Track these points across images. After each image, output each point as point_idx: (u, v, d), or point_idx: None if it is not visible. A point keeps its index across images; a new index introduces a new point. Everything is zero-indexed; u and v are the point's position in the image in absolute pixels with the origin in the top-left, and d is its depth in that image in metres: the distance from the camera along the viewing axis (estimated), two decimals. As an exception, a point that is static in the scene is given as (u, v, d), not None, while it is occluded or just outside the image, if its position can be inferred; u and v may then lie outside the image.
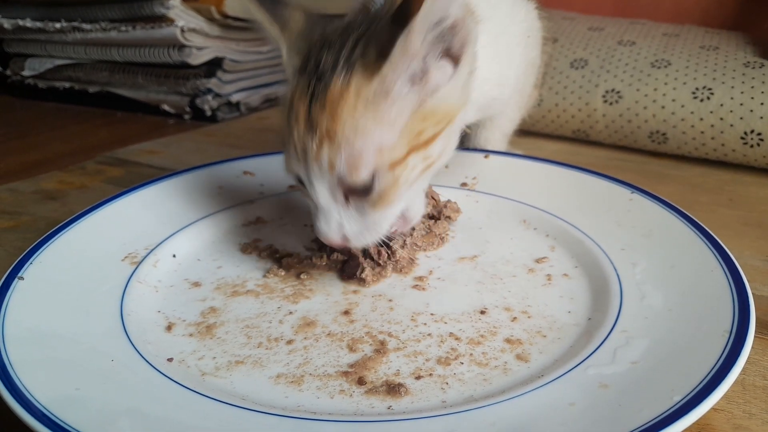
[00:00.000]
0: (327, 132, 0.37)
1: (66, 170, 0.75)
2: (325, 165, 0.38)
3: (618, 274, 0.44)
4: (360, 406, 0.34)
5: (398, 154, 0.38)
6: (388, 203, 0.40)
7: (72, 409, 0.31)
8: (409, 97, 0.38)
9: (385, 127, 0.37)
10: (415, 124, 0.38)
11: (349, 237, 0.41)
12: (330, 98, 0.37)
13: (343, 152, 0.37)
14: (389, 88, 0.37)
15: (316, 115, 0.37)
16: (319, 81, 0.38)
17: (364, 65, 0.37)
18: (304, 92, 0.38)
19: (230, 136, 0.91)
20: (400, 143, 0.38)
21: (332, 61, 0.38)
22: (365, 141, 0.37)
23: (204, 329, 0.41)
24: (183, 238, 0.52)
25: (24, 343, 0.36)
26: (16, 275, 0.42)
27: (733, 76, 0.74)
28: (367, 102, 0.37)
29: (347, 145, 0.37)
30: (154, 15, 0.94)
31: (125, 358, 0.36)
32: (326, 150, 0.37)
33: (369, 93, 0.37)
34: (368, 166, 0.38)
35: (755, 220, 0.60)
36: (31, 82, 1.14)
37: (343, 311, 0.43)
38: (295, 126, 0.39)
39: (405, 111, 0.38)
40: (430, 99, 0.39)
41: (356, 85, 0.37)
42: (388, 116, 0.37)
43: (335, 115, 0.37)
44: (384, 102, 0.37)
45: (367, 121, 0.37)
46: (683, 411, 0.29)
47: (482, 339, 0.40)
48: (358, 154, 0.37)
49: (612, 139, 0.81)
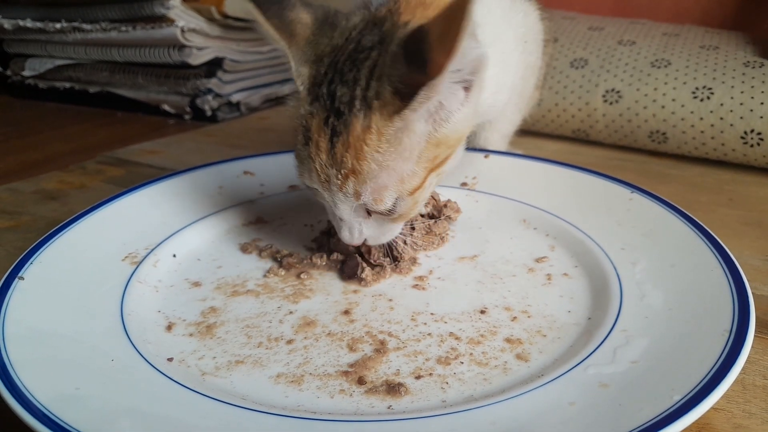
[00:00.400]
0: (352, 169, 0.39)
1: (66, 170, 0.75)
2: (350, 194, 0.40)
3: (618, 274, 0.44)
4: (360, 405, 0.34)
5: (417, 181, 0.40)
6: (407, 218, 0.44)
7: (72, 408, 0.31)
8: (426, 129, 0.40)
9: (405, 160, 0.39)
10: (431, 151, 0.40)
11: (369, 240, 0.45)
12: (353, 138, 0.38)
13: (368, 186, 0.39)
14: (409, 126, 0.38)
15: (340, 152, 0.39)
16: (338, 117, 0.39)
17: (382, 105, 0.38)
18: (322, 124, 0.39)
19: (230, 136, 0.91)
20: (418, 170, 0.40)
21: (349, 98, 0.39)
22: (389, 174, 0.39)
23: (204, 329, 0.41)
24: (183, 237, 0.52)
25: (24, 342, 0.36)
26: (16, 275, 0.42)
27: (733, 75, 0.74)
28: (388, 140, 0.38)
29: (372, 179, 0.39)
30: (155, 15, 0.94)
31: (125, 357, 0.37)
32: (351, 183, 0.39)
33: (390, 132, 0.38)
34: (391, 196, 0.40)
35: (755, 219, 0.60)
36: (31, 82, 1.14)
37: (343, 311, 0.43)
38: (317, 157, 0.40)
39: (422, 141, 0.40)
40: (444, 126, 0.40)
41: (377, 125, 0.38)
42: (408, 150, 0.39)
43: (360, 154, 0.38)
44: (404, 138, 0.39)
45: (390, 157, 0.39)
46: (683, 410, 0.29)
47: (482, 338, 0.40)
48: (382, 186, 0.40)
49: (612, 138, 0.81)
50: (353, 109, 0.38)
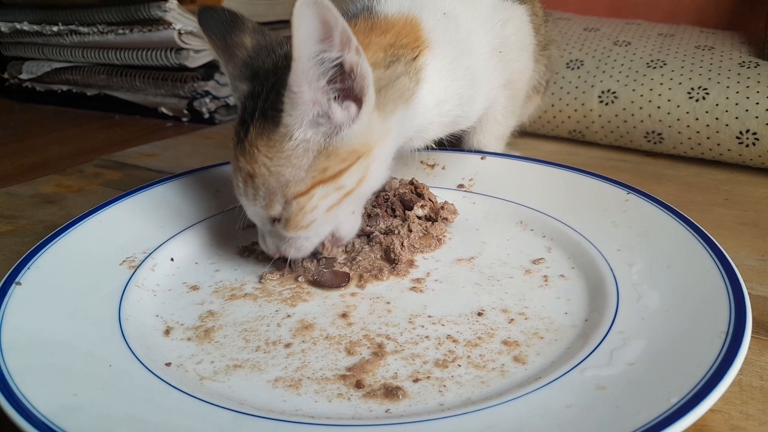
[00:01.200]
0: (248, 173, 0.42)
1: (64, 173, 0.75)
2: (250, 199, 0.44)
3: (614, 275, 0.44)
4: (358, 409, 0.34)
5: (302, 188, 0.42)
6: (296, 227, 0.44)
7: (71, 416, 0.31)
8: (314, 139, 0.41)
9: (293, 167, 0.42)
10: (319, 162, 0.42)
11: (283, 252, 0.46)
12: (248, 144, 0.42)
13: (261, 190, 0.43)
14: (292, 135, 0.41)
15: (239, 157, 0.43)
16: (243, 126, 0.43)
17: (272, 115, 0.41)
18: (234, 134, 0.44)
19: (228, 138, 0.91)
20: (305, 179, 0.42)
21: (252, 109, 0.42)
22: (277, 179, 0.42)
23: (202, 333, 0.41)
24: (181, 241, 0.52)
25: (22, 349, 0.36)
26: (13, 280, 0.42)
27: (728, 75, 0.74)
28: (275, 148, 0.41)
29: (263, 184, 0.42)
30: (152, 18, 0.94)
31: (123, 363, 0.37)
32: (250, 187, 0.43)
33: (276, 140, 0.41)
34: (279, 201, 0.43)
35: (751, 219, 0.60)
36: (28, 85, 1.14)
37: (340, 314, 0.43)
38: (233, 162, 0.44)
39: (310, 151, 0.42)
40: (333, 138, 0.42)
41: (266, 133, 0.41)
42: (294, 158, 0.41)
43: (252, 159, 0.42)
44: (289, 146, 0.41)
45: (277, 164, 0.41)
46: (681, 413, 0.29)
47: (479, 341, 0.40)
48: (272, 191, 0.42)
49: (608, 139, 0.81)
50: (254, 118, 0.42)
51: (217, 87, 1.00)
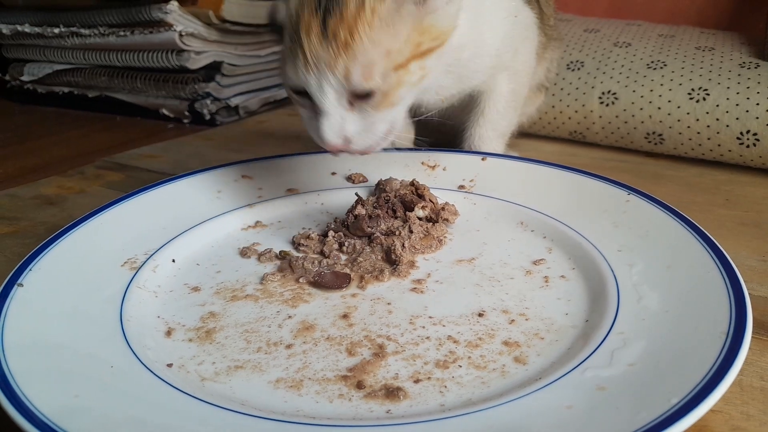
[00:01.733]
0: (345, 44, 0.42)
1: (65, 175, 0.75)
2: (340, 73, 0.43)
3: (615, 276, 0.44)
4: (359, 410, 0.34)
5: (402, 58, 0.44)
6: (389, 104, 0.45)
7: (72, 417, 0.31)
8: (413, 13, 0.44)
9: (393, 38, 0.43)
10: (415, 36, 0.44)
11: (351, 138, 0.46)
12: (347, 14, 0.42)
13: (359, 61, 0.42)
14: (399, 7, 0.43)
15: (333, 29, 0.42)
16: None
17: None
18: (314, 10, 0.43)
19: (229, 139, 0.91)
20: (404, 49, 0.44)
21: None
22: (378, 50, 0.43)
23: (203, 334, 0.41)
24: (182, 242, 0.52)
25: (23, 350, 0.36)
26: (15, 282, 0.42)
27: (728, 76, 0.74)
28: (380, 18, 0.42)
29: (363, 55, 0.42)
30: (153, 20, 0.95)
31: (125, 364, 0.37)
32: (342, 60, 0.42)
33: (383, 11, 0.42)
34: (379, 71, 0.43)
35: (752, 220, 0.60)
36: (30, 87, 1.15)
37: (341, 315, 0.43)
38: (307, 39, 0.43)
39: (409, 24, 0.44)
40: (428, 17, 0.45)
41: (371, 3, 0.42)
42: (396, 28, 0.43)
43: (353, 30, 0.42)
44: (394, 17, 0.43)
45: (380, 34, 0.42)
46: (681, 413, 0.29)
47: (480, 342, 0.40)
48: (371, 62, 0.43)
49: (609, 140, 0.81)
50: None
51: (218, 88, 1.01)
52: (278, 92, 1.12)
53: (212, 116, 1.01)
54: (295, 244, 0.53)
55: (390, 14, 0.43)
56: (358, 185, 0.61)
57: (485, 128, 0.65)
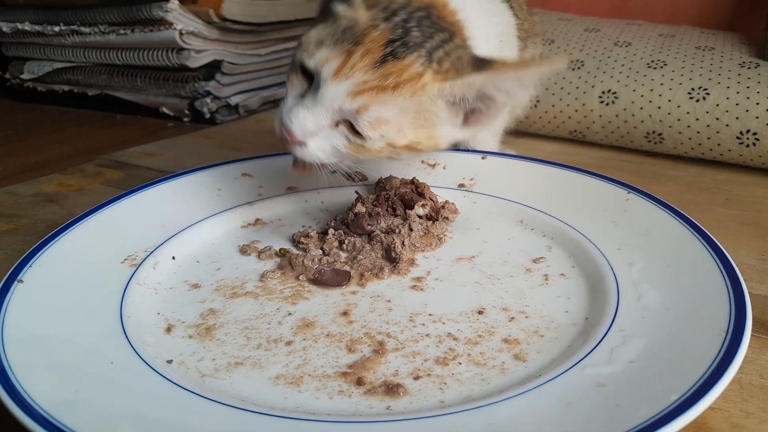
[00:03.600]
0: (381, 90, 0.42)
1: (65, 173, 0.75)
2: (356, 105, 0.42)
3: (615, 274, 0.44)
4: (359, 406, 0.34)
5: (401, 141, 0.45)
6: (359, 155, 0.46)
7: (72, 412, 0.31)
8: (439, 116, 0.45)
9: (410, 121, 0.44)
10: (420, 133, 0.45)
11: (308, 143, 0.45)
12: (405, 72, 0.42)
13: (377, 112, 0.43)
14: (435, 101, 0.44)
15: (386, 72, 0.42)
16: (404, 46, 0.42)
17: (437, 70, 0.43)
18: (384, 41, 0.42)
19: (229, 138, 0.91)
20: (408, 136, 0.45)
21: (420, 41, 0.43)
22: (395, 118, 0.43)
23: (203, 331, 0.41)
24: (182, 240, 0.52)
25: (23, 346, 0.36)
26: (15, 278, 0.42)
27: (728, 76, 0.74)
28: (419, 98, 0.43)
29: (384, 111, 0.43)
30: (153, 18, 0.95)
31: (125, 360, 0.37)
32: (367, 98, 0.42)
33: (427, 92, 0.43)
34: (381, 132, 0.43)
35: (751, 219, 0.60)
36: (30, 85, 1.14)
37: (341, 312, 0.43)
38: (360, 57, 0.42)
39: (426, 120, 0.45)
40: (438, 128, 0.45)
41: (425, 78, 0.43)
42: (419, 116, 0.44)
43: (398, 87, 0.42)
44: (426, 106, 0.44)
45: (408, 109, 0.43)
46: (680, 410, 0.29)
47: (480, 339, 0.40)
48: (383, 121, 0.43)
49: (608, 139, 0.81)
50: (419, 52, 0.42)
51: (218, 87, 1.01)
52: (278, 91, 1.11)
53: (212, 115, 1.01)
54: (294, 242, 0.53)
55: (427, 100, 0.43)
56: (358, 183, 0.61)
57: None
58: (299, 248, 0.52)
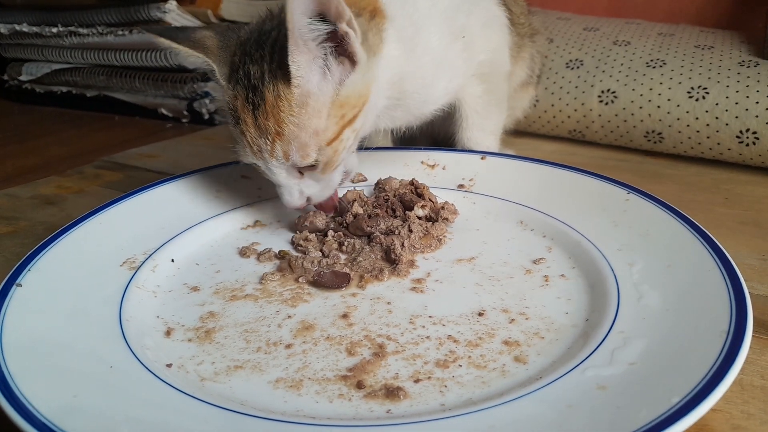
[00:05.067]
0: (276, 133, 0.46)
1: (64, 175, 0.75)
2: (280, 157, 0.47)
3: (615, 275, 0.44)
4: (359, 410, 0.34)
5: (331, 133, 0.47)
6: (332, 168, 0.49)
7: (71, 417, 0.31)
8: (324, 91, 0.46)
9: (316, 118, 0.46)
10: (336, 110, 0.47)
11: (312, 197, 0.51)
12: (269, 107, 0.45)
13: (293, 145, 0.46)
14: (307, 89, 0.45)
15: (262, 121, 0.46)
16: (254, 92, 0.46)
17: (282, 74, 0.45)
18: (245, 102, 0.47)
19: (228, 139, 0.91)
20: (330, 125, 0.47)
21: (260, 73, 0.46)
22: (306, 132, 0.46)
23: (203, 334, 0.41)
24: (181, 242, 0.52)
25: (22, 350, 0.36)
26: (14, 282, 0.42)
27: (728, 75, 0.74)
28: (297, 105, 0.45)
29: (294, 139, 0.46)
30: (151, 19, 0.95)
31: (124, 364, 0.36)
32: (279, 146, 0.46)
33: (294, 96, 0.45)
34: (314, 149, 0.47)
35: (751, 218, 0.60)
36: (28, 86, 1.14)
37: (341, 314, 0.43)
38: (246, 131, 0.47)
39: (326, 102, 0.46)
40: (341, 90, 0.46)
41: (283, 92, 0.45)
42: (314, 109, 0.46)
43: (278, 119, 0.45)
44: (308, 100, 0.45)
45: (302, 117, 0.46)
46: (682, 412, 0.29)
47: (480, 341, 0.40)
48: (304, 144, 0.46)
49: (608, 138, 0.81)
50: (264, 82, 0.45)
51: (216, 88, 1.00)
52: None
53: (211, 115, 1.01)
54: (294, 244, 0.53)
55: (303, 99, 0.45)
56: (358, 184, 0.61)
57: (471, 131, 0.66)
58: (299, 250, 0.52)
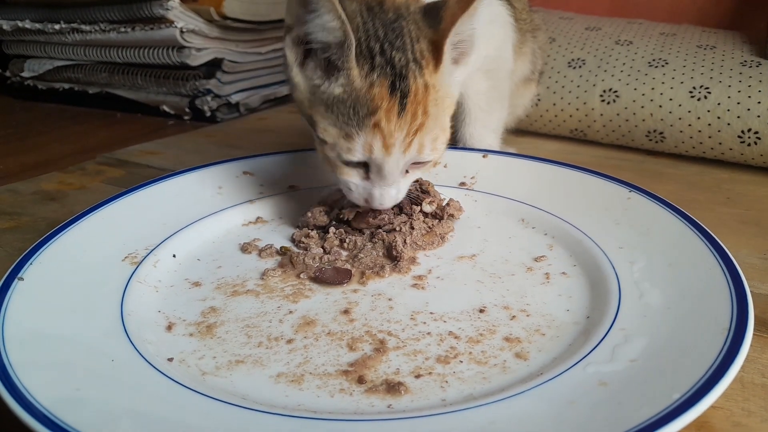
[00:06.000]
0: (420, 123, 0.45)
1: (66, 171, 0.75)
2: (415, 149, 0.46)
3: (616, 273, 0.44)
4: (360, 404, 0.34)
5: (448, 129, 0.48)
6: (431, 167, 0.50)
7: (72, 409, 0.31)
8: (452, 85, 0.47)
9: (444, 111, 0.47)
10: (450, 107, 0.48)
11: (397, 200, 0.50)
12: (418, 94, 0.45)
13: (429, 136, 0.46)
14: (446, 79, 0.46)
15: (411, 110, 0.44)
16: (402, 80, 0.44)
17: (427, 63, 0.45)
18: (388, 90, 0.44)
19: (230, 136, 0.91)
20: (448, 120, 0.48)
21: (405, 61, 0.44)
22: (438, 123, 0.46)
23: (204, 329, 0.41)
24: (183, 238, 0.52)
25: (24, 343, 0.36)
26: (16, 276, 0.42)
27: (730, 75, 0.74)
28: (437, 93, 0.46)
29: (432, 130, 0.46)
30: (154, 16, 0.95)
31: (125, 358, 0.37)
32: (418, 139, 0.45)
33: (438, 84, 0.45)
34: (442, 141, 0.47)
35: (752, 218, 0.60)
36: (30, 83, 1.14)
37: (342, 310, 0.43)
38: (387, 122, 0.44)
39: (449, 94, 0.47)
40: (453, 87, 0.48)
41: (431, 80, 0.45)
42: (445, 101, 0.47)
43: (426, 108, 0.45)
44: (443, 90, 0.46)
45: (439, 108, 0.46)
46: (682, 409, 0.29)
47: (481, 337, 0.40)
48: (436, 136, 0.46)
49: (610, 138, 0.81)
50: (413, 71, 0.44)
51: (218, 85, 1.01)
52: (279, 89, 1.11)
53: (213, 113, 1.01)
54: (295, 242, 0.53)
55: (442, 90, 0.46)
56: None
57: (474, 126, 0.66)
58: (300, 246, 0.52)
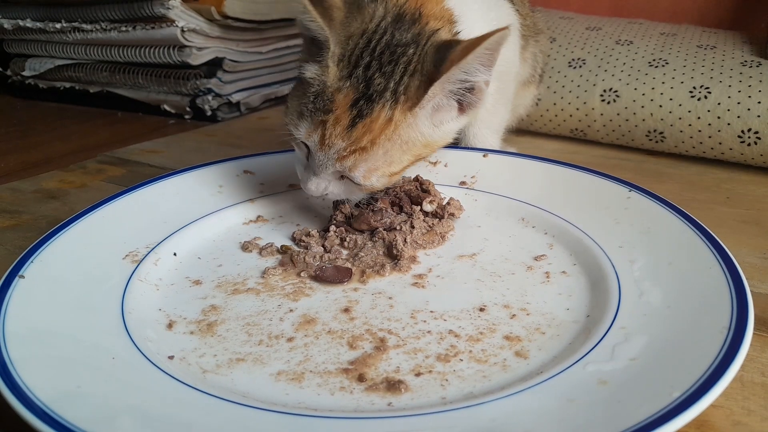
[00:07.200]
0: (362, 148, 0.45)
1: (67, 170, 0.75)
2: (347, 165, 0.45)
3: (616, 272, 0.44)
4: (360, 402, 0.34)
5: (401, 167, 0.47)
6: (373, 189, 0.49)
7: (73, 406, 0.31)
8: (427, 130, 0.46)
9: (403, 152, 0.46)
10: (420, 149, 0.47)
11: (331, 196, 0.50)
12: (375, 125, 0.44)
13: (366, 165, 0.45)
14: (417, 123, 0.45)
15: (358, 132, 0.44)
16: (367, 102, 0.44)
17: (406, 100, 0.44)
18: (349, 103, 0.44)
19: (230, 135, 0.91)
20: (404, 160, 0.47)
21: (383, 87, 0.44)
22: (385, 160, 0.46)
23: (205, 327, 0.42)
24: (184, 236, 0.52)
25: (25, 341, 0.36)
26: (17, 274, 0.42)
27: (730, 75, 0.74)
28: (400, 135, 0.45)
29: (373, 161, 0.45)
30: (155, 15, 0.95)
31: (126, 355, 0.37)
32: (354, 158, 0.45)
33: (404, 128, 0.45)
34: (378, 176, 0.46)
35: (752, 217, 0.60)
36: (31, 82, 1.14)
37: (343, 309, 0.43)
38: (332, 127, 0.45)
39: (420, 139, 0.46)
40: (436, 132, 0.47)
41: (397, 117, 0.44)
42: (408, 144, 0.46)
43: (375, 140, 0.45)
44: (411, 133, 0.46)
45: (394, 149, 0.46)
46: (682, 407, 0.29)
47: (481, 336, 0.40)
48: (375, 168, 0.46)
49: (610, 137, 0.81)
50: (383, 100, 0.44)
51: (219, 84, 1.01)
52: (279, 89, 1.12)
53: (213, 112, 1.01)
54: (295, 241, 0.53)
55: (408, 131, 0.45)
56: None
57: (478, 127, 0.66)
58: (300, 245, 0.52)
